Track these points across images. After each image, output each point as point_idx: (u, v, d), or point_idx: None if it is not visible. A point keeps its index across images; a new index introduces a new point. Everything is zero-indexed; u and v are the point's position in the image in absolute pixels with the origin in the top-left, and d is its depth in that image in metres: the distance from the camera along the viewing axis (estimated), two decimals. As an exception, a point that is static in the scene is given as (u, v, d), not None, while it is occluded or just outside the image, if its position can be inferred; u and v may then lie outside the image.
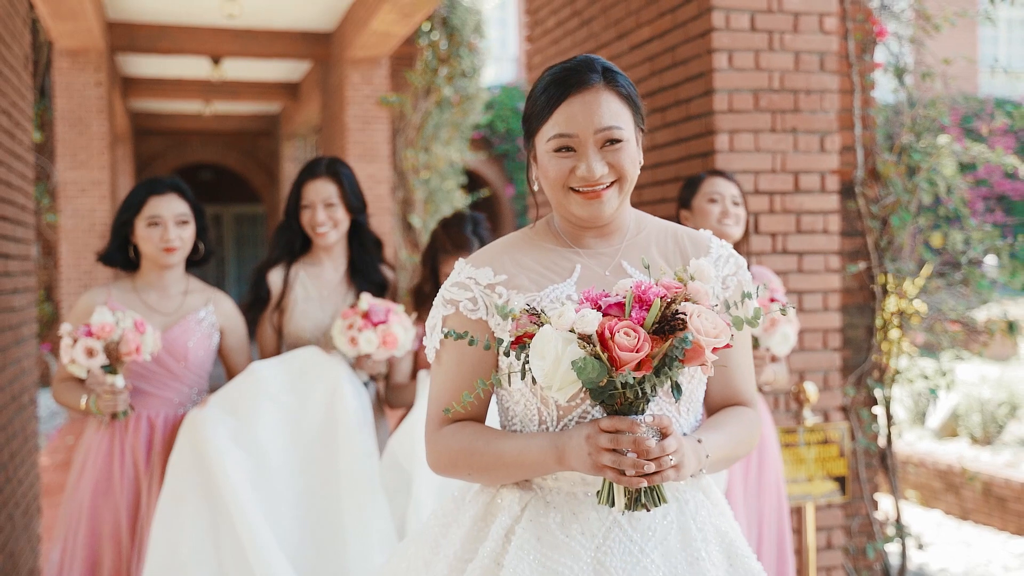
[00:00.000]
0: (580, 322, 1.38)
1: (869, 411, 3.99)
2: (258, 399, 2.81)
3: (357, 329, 2.83)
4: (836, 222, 3.53)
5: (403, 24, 8.48)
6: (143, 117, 15.49)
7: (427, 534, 1.72)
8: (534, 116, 1.62)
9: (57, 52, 8.91)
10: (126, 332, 2.67)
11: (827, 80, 3.52)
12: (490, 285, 1.60)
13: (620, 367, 1.35)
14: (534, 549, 1.53)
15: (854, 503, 3.93)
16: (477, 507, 1.64)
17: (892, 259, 3.85)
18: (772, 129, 3.48)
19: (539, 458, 1.52)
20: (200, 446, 2.72)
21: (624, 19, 4.02)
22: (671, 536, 1.55)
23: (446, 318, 1.62)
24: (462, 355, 1.61)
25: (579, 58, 1.61)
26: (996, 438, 6.19)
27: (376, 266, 3.08)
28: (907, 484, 6.03)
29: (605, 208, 1.59)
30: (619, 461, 1.38)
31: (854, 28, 3.89)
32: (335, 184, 2.98)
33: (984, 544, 5.19)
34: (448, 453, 1.61)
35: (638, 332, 1.36)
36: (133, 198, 2.89)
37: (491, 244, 1.69)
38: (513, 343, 1.46)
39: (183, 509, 2.69)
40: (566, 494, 1.57)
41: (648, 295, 1.40)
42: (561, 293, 1.58)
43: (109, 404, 2.71)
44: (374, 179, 9.95)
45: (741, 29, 3.43)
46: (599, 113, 1.56)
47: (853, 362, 3.97)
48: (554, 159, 1.59)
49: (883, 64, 3.93)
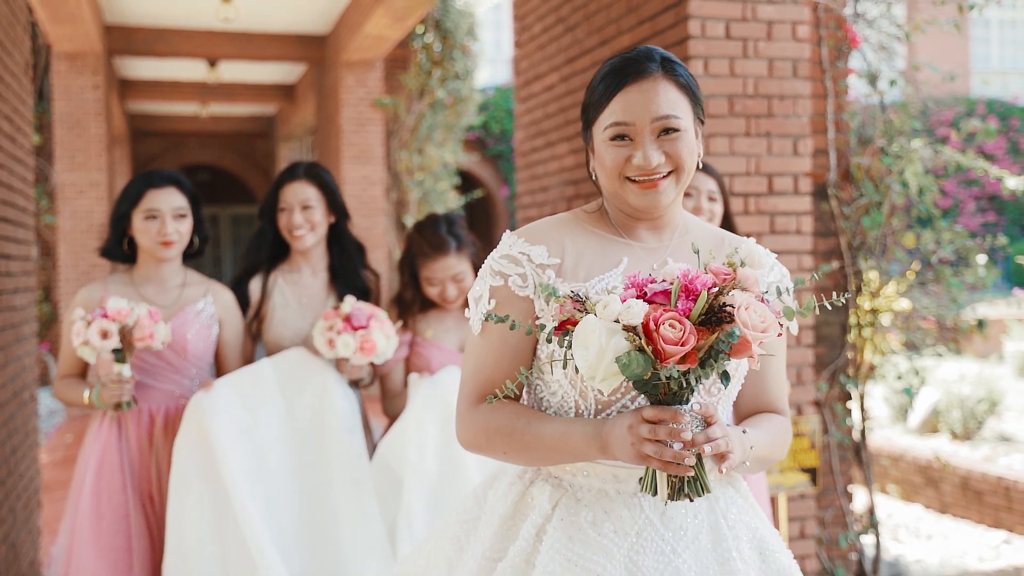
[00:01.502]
0: (626, 313, 1.35)
1: (843, 406, 4.12)
2: (260, 396, 2.81)
3: (336, 332, 2.81)
4: (809, 223, 3.66)
5: (396, 28, 8.60)
6: (141, 119, 15.60)
7: (449, 532, 1.70)
8: (592, 105, 1.61)
9: (55, 55, 9.02)
10: (141, 318, 2.68)
11: (800, 86, 3.65)
12: (541, 266, 1.57)
13: (665, 360, 1.32)
14: (566, 548, 1.50)
15: (828, 495, 4.06)
16: (507, 505, 1.61)
17: (865, 258, 3.98)
18: (747, 133, 3.60)
19: (581, 444, 1.49)
20: (204, 432, 2.70)
21: (606, 26, 4.15)
22: (702, 535, 1.54)
23: (494, 289, 1.58)
24: (506, 333, 1.57)
25: (639, 48, 1.60)
26: (976, 434, 6.32)
27: (358, 271, 3.05)
28: (888, 479, 6.16)
29: (662, 198, 1.57)
30: (662, 452, 1.36)
31: (827, 35, 4.02)
32: (314, 187, 2.96)
33: (961, 536, 5.32)
34: (486, 431, 1.58)
35: (684, 324, 1.33)
36: (131, 191, 2.86)
37: (543, 221, 1.66)
38: (556, 329, 1.44)
39: (188, 495, 2.70)
40: (597, 491, 1.55)
41: (695, 284, 1.37)
42: (607, 284, 1.55)
43: (114, 394, 2.70)
44: (368, 180, 10.08)
45: (716, 37, 3.56)
46: (656, 102, 1.55)
47: (828, 358, 4.11)
48: (611, 148, 1.58)
49: (856, 70, 4.06)
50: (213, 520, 2.68)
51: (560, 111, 4.67)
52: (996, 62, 20.44)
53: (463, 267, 2.96)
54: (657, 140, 1.56)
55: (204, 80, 11.95)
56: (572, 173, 4.52)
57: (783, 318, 1.42)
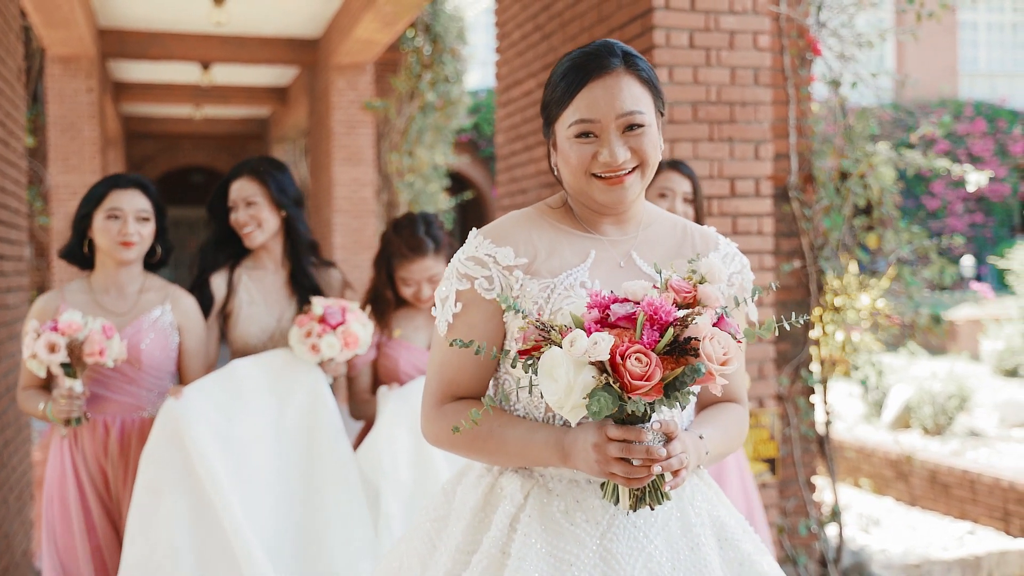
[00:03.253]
0: (593, 350, 1.34)
1: (806, 400, 4.28)
2: (239, 396, 2.74)
3: (317, 335, 2.76)
4: (770, 224, 3.82)
5: (386, 32, 8.76)
6: (135, 121, 15.74)
7: (420, 531, 1.69)
8: (554, 103, 1.58)
9: (49, 59, 9.16)
10: (92, 333, 2.58)
11: (761, 93, 3.80)
12: (509, 267, 1.57)
13: (631, 392, 1.34)
14: (540, 538, 1.51)
15: (791, 485, 4.22)
16: (477, 497, 1.61)
17: (826, 258, 4.15)
18: (710, 138, 3.76)
19: (543, 453, 1.50)
20: (179, 440, 2.63)
21: (579, 35, 4.31)
22: (672, 522, 1.56)
23: (460, 293, 1.58)
24: (471, 331, 1.57)
25: (598, 42, 1.57)
26: (946, 429, 6.49)
27: (306, 270, 2.99)
28: (861, 473, 6.33)
29: (627, 194, 1.57)
30: (629, 470, 1.38)
31: (789, 44, 4.19)
32: (257, 183, 2.90)
33: (929, 527, 5.49)
34: (449, 433, 1.58)
35: (650, 358, 1.34)
36: (95, 191, 2.78)
37: (508, 218, 1.64)
38: (520, 354, 1.44)
39: (160, 505, 2.61)
40: (568, 481, 1.55)
41: (660, 315, 1.37)
42: (575, 280, 1.56)
43: (64, 409, 2.61)
44: (359, 182, 10.23)
45: (680, 46, 3.72)
46: (621, 98, 1.53)
47: (791, 354, 4.27)
48: (575, 145, 1.56)
49: (816, 78, 4.22)
50: (190, 529, 2.60)
51: (537, 115, 4.83)
52: (984, 64, 20.64)
53: (440, 268, 2.94)
54: (622, 136, 1.55)
55: (197, 83, 12.10)
56: (549, 176, 4.68)
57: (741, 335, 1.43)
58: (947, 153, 18.71)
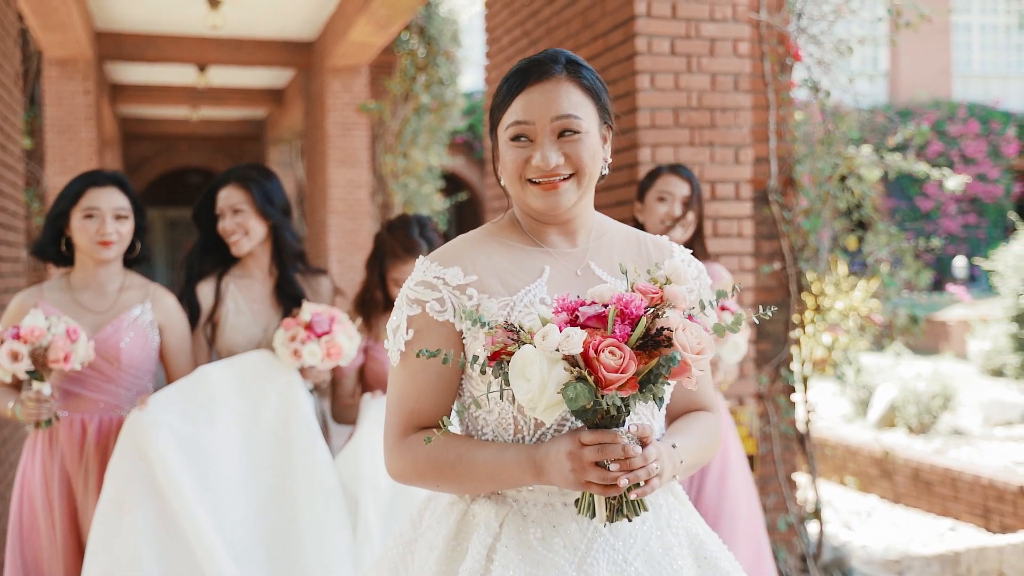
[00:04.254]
0: (566, 343, 1.32)
1: (787, 398, 4.38)
2: (208, 402, 2.69)
3: (300, 341, 2.73)
4: (750, 227, 3.91)
5: (380, 35, 8.85)
6: (132, 122, 15.81)
7: (386, 559, 1.65)
8: (496, 106, 1.59)
9: (46, 61, 9.24)
10: (56, 339, 2.50)
11: (741, 99, 3.90)
12: (460, 287, 1.53)
13: (606, 387, 1.31)
14: (518, 568, 1.47)
15: (772, 482, 4.31)
16: (448, 526, 1.56)
17: (805, 260, 4.24)
18: (691, 143, 3.85)
19: (515, 472, 1.46)
20: (143, 451, 2.58)
21: (565, 41, 4.40)
22: (652, 542, 1.53)
23: (411, 319, 1.54)
24: (427, 360, 1.52)
25: (547, 51, 1.58)
26: (931, 428, 6.59)
27: (292, 280, 2.96)
28: (846, 471, 6.43)
29: (561, 200, 1.54)
30: (605, 476, 1.35)
31: (770, 50, 4.28)
32: (243, 191, 2.88)
33: (911, 524, 5.58)
34: (415, 464, 1.53)
35: (623, 351, 1.32)
36: (71, 188, 2.72)
37: (455, 241, 1.62)
38: (490, 359, 1.40)
39: (124, 519, 2.55)
40: (543, 505, 1.52)
41: (631, 309, 1.36)
42: (534, 296, 1.53)
43: (32, 412, 2.54)
44: (354, 184, 10.32)
45: (662, 53, 3.81)
46: (557, 102, 1.52)
47: (772, 353, 4.36)
48: (511, 148, 1.56)
49: (796, 83, 4.32)
50: (154, 542, 2.55)
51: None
52: (977, 66, 20.75)
53: None
54: (557, 141, 1.54)
55: (194, 85, 12.17)
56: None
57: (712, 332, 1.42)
58: (940, 154, 18.82)
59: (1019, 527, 5.19)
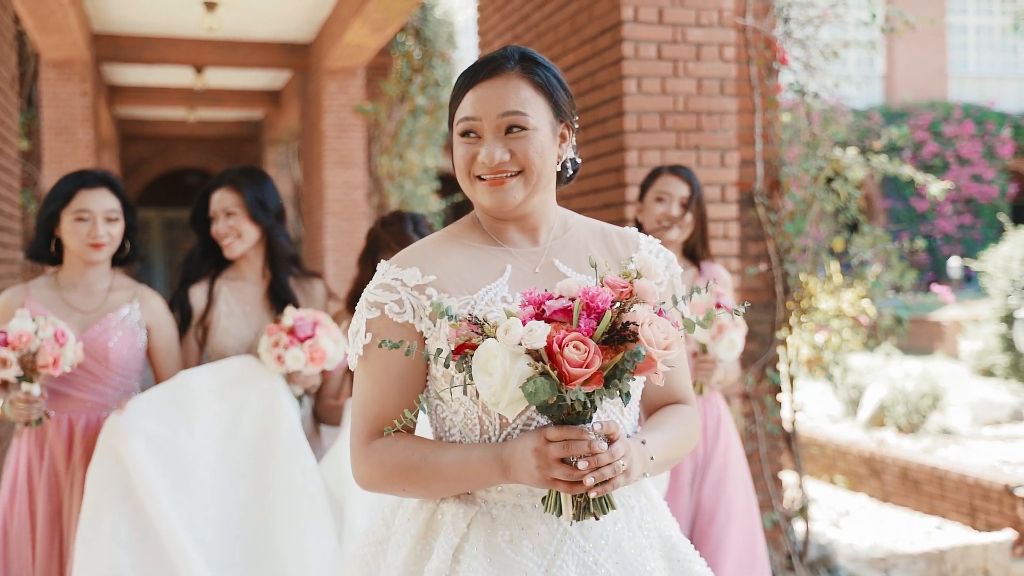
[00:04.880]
0: (528, 336, 1.31)
1: (773, 398, 4.43)
2: (187, 408, 2.67)
3: (283, 347, 2.72)
4: (735, 229, 3.97)
5: (375, 37, 8.90)
6: (129, 123, 15.86)
7: (357, 557, 1.64)
8: (450, 103, 1.58)
9: (44, 63, 9.29)
10: (44, 343, 2.49)
11: (727, 103, 3.95)
12: (419, 287, 1.52)
13: (570, 382, 1.30)
14: (485, 571, 1.45)
15: (757, 481, 4.36)
16: (418, 525, 1.55)
17: (792, 262, 4.30)
18: (677, 147, 3.91)
19: (482, 471, 1.44)
20: (119, 455, 2.56)
21: (554, 46, 4.46)
22: (624, 543, 1.50)
23: (370, 322, 1.52)
24: (388, 362, 1.51)
25: (505, 47, 1.57)
26: (920, 427, 6.65)
27: (285, 284, 2.96)
28: (836, 470, 6.49)
29: (508, 197, 1.52)
30: (571, 473, 1.33)
31: (756, 55, 4.34)
32: (235, 194, 2.88)
33: (898, 523, 5.64)
34: (381, 468, 1.51)
35: (588, 345, 1.30)
36: (61, 189, 2.71)
37: (417, 243, 1.61)
38: (454, 353, 1.38)
39: (101, 524, 2.53)
40: (512, 506, 1.50)
41: (597, 303, 1.34)
42: (495, 295, 1.52)
43: (22, 413, 2.55)
44: (350, 185, 10.38)
45: (649, 58, 3.86)
46: (504, 98, 1.51)
47: (759, 353, 4.42)
48: (460, 144, 1.54)
49: (783, 87, 4.38)
50: (130, 547, 2.53)
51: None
52: (973, 67, 20.82)
53: None
54: (504, 138, 1.51)
55: (191, 86, 12.22)
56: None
57: (683, 328, 1.41)
58: (936, 155, 18.90)
59: (1004, 525, 5.25)
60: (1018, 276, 7.39)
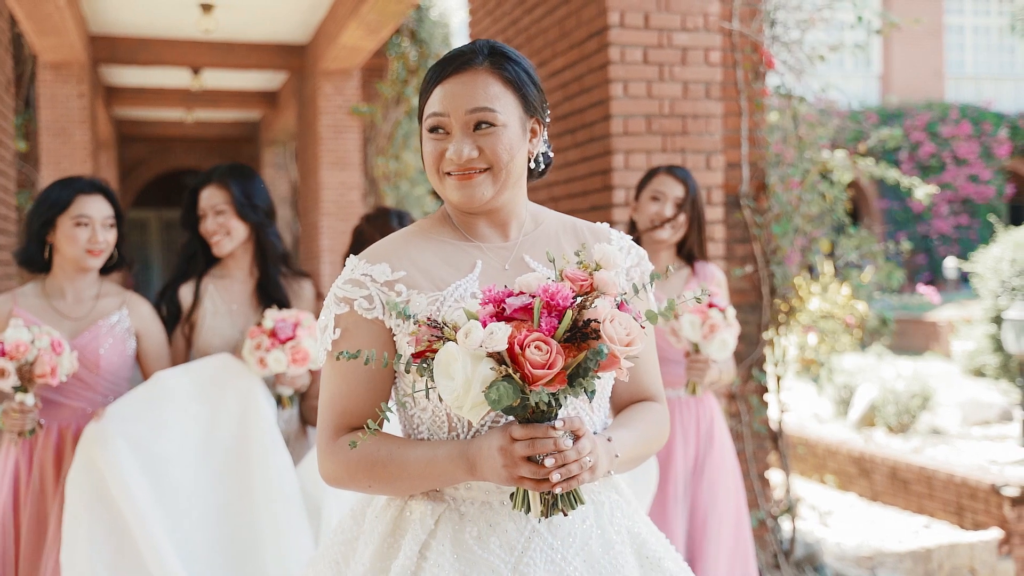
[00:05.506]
0: (489, 340, 1.29)
1: (759, 397, 4.48)
2: (164, 409, 2.64)
3: (264, 349, 2.71)
4: (720, 231, 4.01)
5: (370, 39, 8.95)
6: (127, 124, 15.90)
7: (327, 554, 1.63)
8: (420, 97, 1.57)
9: (41, 65, 9.33)
10: (41, 353, 2.48)
11: (712, 106, 4.00)
12: (388, 283, 1.51)
13: (533, 383, 1.29)
14: (452, 568, 1.45)
15: (743, 480, 4.41)
16: (385, 522, 1.54)
17: (777, 263, 4.35)
18: (663, 150, 3.95)
19: (448, 469, 1.44)
20: (98, 461, 2.54)
21: (543, 49, 4.50)
22: (592, 540, 1.50)
23: (339, 317, 1.52)
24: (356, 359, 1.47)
25: (475, 41, 1.55)
26: (910, 427, 6.70)
27: (276, 282, 2.95)
28: (827, 470, 6.54)
29: (476, 193, 1.51)
30: (536, 471, 1.33)
31: (743, 59, 4.39)
32: (224, 191, 2.87)
33: (887, 522, 5.69)
34: (347, 465, 1.50)
35: (550, 345, 1.29)
36: (59, 195, 2.69)
37: (386, 239, 1.59)
38: (415, 357, 1.37)
39: (79, 531, 2.51)
40: (481, 504, 1.50)
41: (557, 300, 1.33)
42: (465, 291, 1.51)
43: (16, 423, 2.53)
44: (346, 186, 10.42)
45: (635, 62, 3.91)
46: (473, 93, 1.49)
47: (745, 353, 4.47)
48: (428, 140, 1.53)
49: (769, 91, 4.42)
50: (107, 553, 2.51)
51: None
52: (970, 67, 20.87)
53: None
54: (472, 134, 1.50)
55: (188, 87, 12.27)
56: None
57: (645, 320, 1.40)
58: (932, 156, 18.95)
59: (991, 524, 5.30)
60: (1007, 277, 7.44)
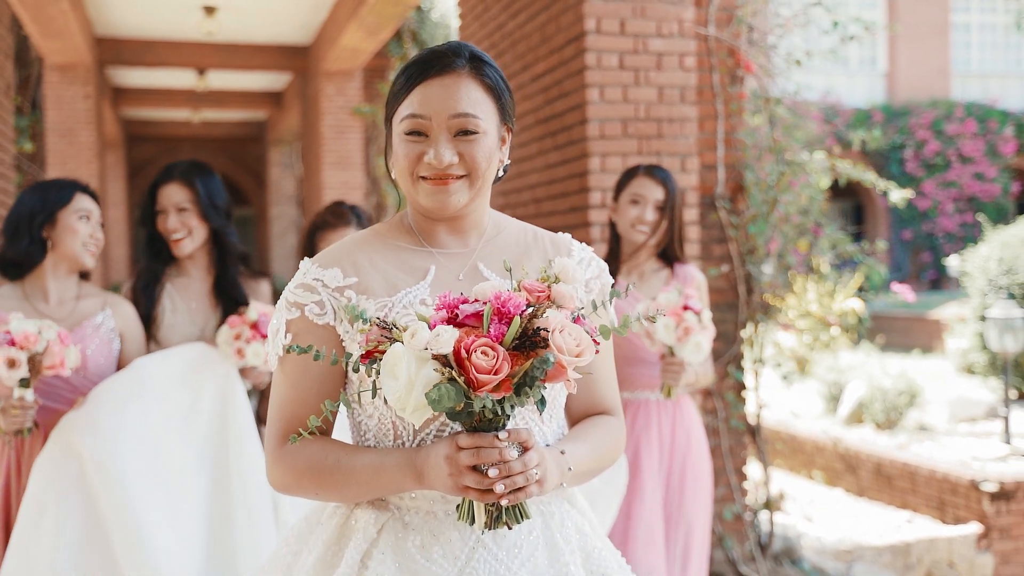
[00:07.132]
0: (435, 342, 1.28)
1: (736, 394, 4.58)
2: (143, 397, 2.60)
3: (245, 340, 2.70)
4: (695, 232, 4.12)
5: (371, 40, 9.07)
6: (135, 124, 16.10)
7: (278, 559, 1.60)
8: (392, 97, 1.52)
9: (47, 67, 9.49)
10: (51, 344, 2.45)
11: (687, 110, 4.10)
12: (339, 288, 1.49)
13: (478, 389, 1.27)
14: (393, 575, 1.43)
15: (720, 475, 4.51)
16: (330, 530, 1.52)
17: (754, 263, 4.45)
18: (639, 152, 4.06)
19: (396, 477, 1.42)
20: (75, 450, 2.48)
21: (526, 54, 4.61)
22: (538, 552, 1.48)
23: (290, 322, 1.50)
24: (307, 364, 1.49)
25: (451, 42, 1.52)
26: (897, 424, 6.77)
27: (235, 281, 2.92)
28: (814, 466, 6.63)
29: (451, 199, 1.49)
30: (481, 481, 1.31)
31: (719, 63, 4.48)
32: (187, 189, 2.83)
33: (871, 517, 5.78)
34: (294, 471, 1.48)
35: (497, 351, 1.28)
36: (61, 194, 2.65)
37: (340, 242, 1.58)
38: (363, 357, 1.36)
39: (43, 520, 2.44)
40: (425, 513, 1.48)
41: (508, 308, 1.31)
42: (415, 297, 1.49)
43: (16, 420, 2.46)
44: (348, 186, 10.55)
45: (611, 68, 4.02)
46: (456, 98, 1.46)
47: (722, 351, 4.57)
48: (405, 143, 1.49)
49: (746, 94, 4.52)
50: (74, 546, 2.43)
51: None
52: (976, 65, 20.83)
53: None
54: (453, 139, 1.48)
55: (194, 88, 12.42)
56: (500, 185, 4.98)
57: (599, 335, 1.38)
58: (938, 154, 18.94)
59: (971, 519, 5.38)
60: (995, 276, 7.50)
